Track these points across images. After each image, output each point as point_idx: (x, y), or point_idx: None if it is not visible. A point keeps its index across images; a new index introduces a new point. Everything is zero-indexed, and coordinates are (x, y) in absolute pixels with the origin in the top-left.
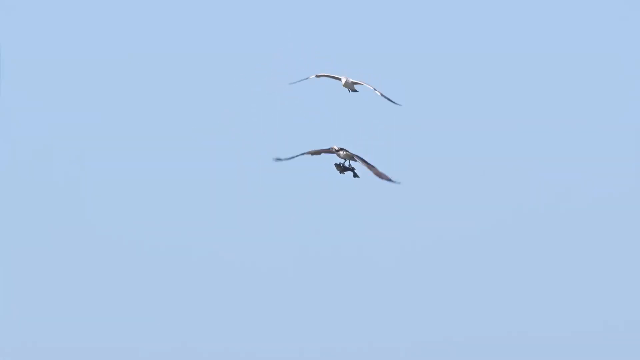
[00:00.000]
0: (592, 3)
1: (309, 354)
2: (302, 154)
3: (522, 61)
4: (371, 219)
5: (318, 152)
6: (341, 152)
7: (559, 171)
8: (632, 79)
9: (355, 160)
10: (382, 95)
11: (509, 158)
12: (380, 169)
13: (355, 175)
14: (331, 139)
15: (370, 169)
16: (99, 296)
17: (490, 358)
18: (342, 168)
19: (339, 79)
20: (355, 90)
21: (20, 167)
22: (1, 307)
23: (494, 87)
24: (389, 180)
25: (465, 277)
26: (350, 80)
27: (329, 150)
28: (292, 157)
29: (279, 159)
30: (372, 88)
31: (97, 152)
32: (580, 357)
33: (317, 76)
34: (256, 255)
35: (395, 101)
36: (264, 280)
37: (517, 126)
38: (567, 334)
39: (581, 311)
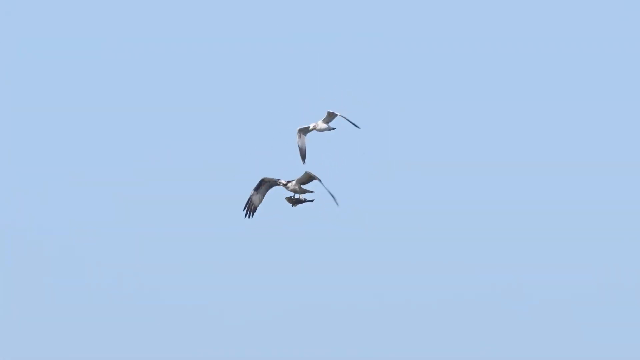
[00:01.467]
0: (591, 4)
1: None
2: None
3: (524, 62)
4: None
5: (271, 181)
6: (289, 185)
7: None
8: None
9: (305, 192)
10: (345, 118)
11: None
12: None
13: (310, 201)
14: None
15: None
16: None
17: None
18: (293, 201)
19: (309, 128)
20: (332, 128)
21: None
22: None
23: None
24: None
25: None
26: (321, 124)
27: (276, 183)
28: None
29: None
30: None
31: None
32: None
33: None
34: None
35: (356, 124)
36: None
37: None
38: None
39: None
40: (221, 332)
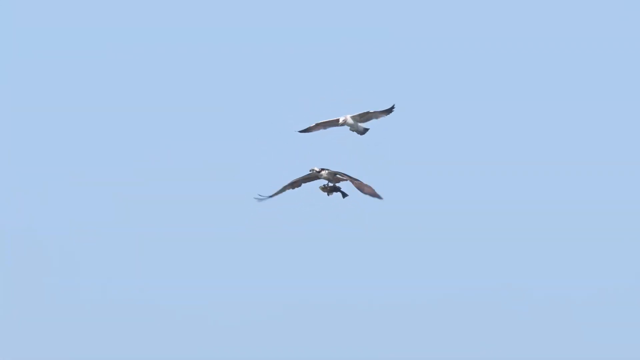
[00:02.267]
0: (591, 4)
1: None
2: (284, 188)
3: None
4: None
5: (298, 182)
6: (323, 173)
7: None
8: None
9: (340, 180)
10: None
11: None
12: (366, 182)
13: (345, 195)
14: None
15: (355, 184)
16: None
17: None
18: (328, 189)
19: (337, 121)
20: (365, 129)
21: None
22: None
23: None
24: (375, 195)
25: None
26: (350, 118)
27: (309, 176)
28: (275, 194)
29: (260, 197)
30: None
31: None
32: None
33: (317, 124)
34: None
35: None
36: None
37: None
38: None
39: None
40: (222, 333)
